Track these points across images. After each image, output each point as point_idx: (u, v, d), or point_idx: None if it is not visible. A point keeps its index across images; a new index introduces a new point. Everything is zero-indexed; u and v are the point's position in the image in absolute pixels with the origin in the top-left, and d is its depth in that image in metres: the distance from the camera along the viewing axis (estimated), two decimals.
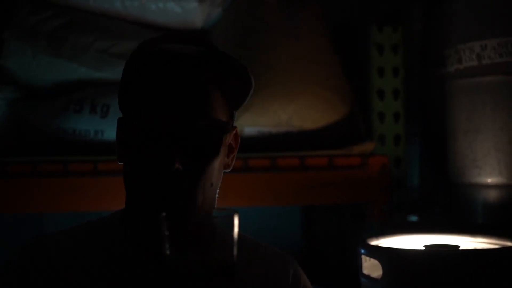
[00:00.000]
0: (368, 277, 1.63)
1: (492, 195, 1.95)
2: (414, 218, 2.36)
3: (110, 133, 2.10)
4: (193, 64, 1.04)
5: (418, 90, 2.44)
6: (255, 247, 1.15)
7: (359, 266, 1.66)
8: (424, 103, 2.45)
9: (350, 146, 2.17)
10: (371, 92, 2.27)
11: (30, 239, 1.07)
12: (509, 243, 1.63)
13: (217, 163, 1.04)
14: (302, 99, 2.19)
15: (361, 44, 2.36)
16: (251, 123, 2.13)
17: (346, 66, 2.31)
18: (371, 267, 1.66)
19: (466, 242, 1.71)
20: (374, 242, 1.70)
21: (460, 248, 1.62)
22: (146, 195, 1.01)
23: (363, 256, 1.65)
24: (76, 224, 1.12)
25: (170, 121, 0.99)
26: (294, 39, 2.25)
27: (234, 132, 1.13)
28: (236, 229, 0.87)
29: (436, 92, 2.28)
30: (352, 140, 2.21)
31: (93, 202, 2.01)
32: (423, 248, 1.63)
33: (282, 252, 1.19)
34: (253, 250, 1.14)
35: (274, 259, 1.16)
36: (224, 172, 1.10)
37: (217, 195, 1.10)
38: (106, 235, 1.07)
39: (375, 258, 1.58)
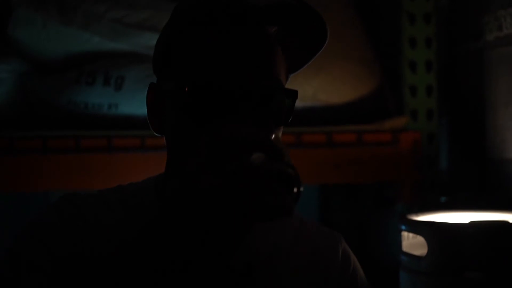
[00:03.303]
0: (409, 255, 1.50)
1: None
2: (444, 199, 2.23)
3: (125, 106, 1.98)
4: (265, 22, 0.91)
5: (446, 64, 2.30)
6: (300, 223, 1.06)
7: (399, 243, 1.54)
8: (452, 78, 2.32)
9: (380, 121, 2.05)
10: (402, 64, 2.13)
11: (59, 198, 0.96)
12: None
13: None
14: (327, 72, 2.08)
15: (390, 14, 2.22)
16: None
17: (375, 37, 2.18)
18: (410, 246, 1.54)
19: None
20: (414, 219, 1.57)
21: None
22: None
23: (403, 233, 1.53)
24: (105, 188, 1.02)
25: (246, 84, 0.88)
26: None
27: None
28: None
29: (468, 66, 2.15)
30: (382, 115, 2.09)
31: (106, 180, 1.89)
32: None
33: (330, 229, 1.10)
34: (298, 225, 1.04)
35: (322, 236, 1.07)
36: None
37: None
38: (139, 203, 0.98)
39: (419, 233, 1.46)
